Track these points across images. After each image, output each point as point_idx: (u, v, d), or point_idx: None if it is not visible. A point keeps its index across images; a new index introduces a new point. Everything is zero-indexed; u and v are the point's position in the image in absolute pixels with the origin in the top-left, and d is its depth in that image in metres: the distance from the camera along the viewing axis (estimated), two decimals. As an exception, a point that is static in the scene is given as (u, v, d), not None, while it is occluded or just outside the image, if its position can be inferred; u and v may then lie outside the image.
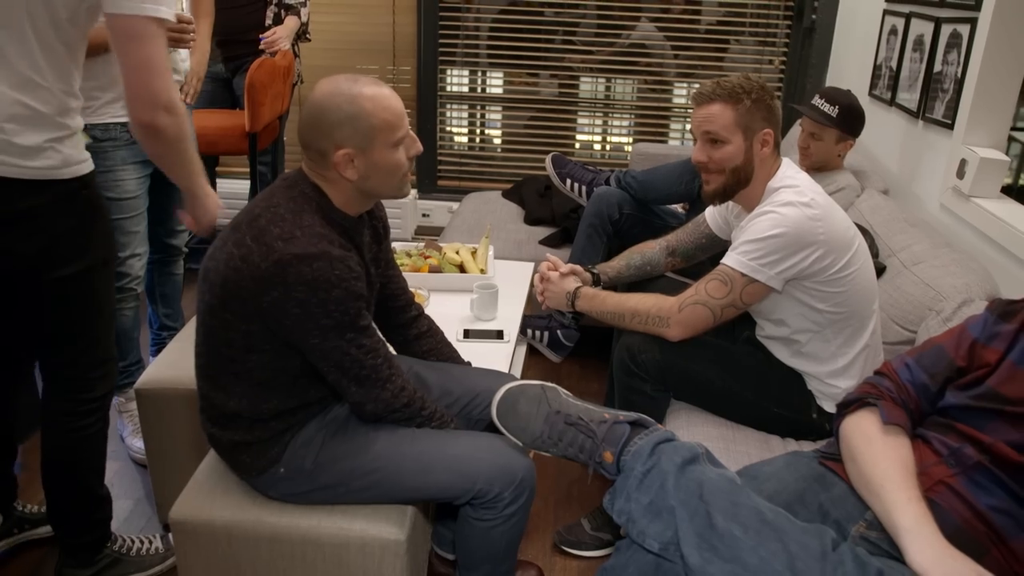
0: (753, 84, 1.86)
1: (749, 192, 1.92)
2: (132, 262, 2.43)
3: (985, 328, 1.44)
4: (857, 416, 1.47)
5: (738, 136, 1.85)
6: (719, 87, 1.86)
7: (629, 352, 2.01)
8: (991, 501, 1.30)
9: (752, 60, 4.06)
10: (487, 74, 4.27)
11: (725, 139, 1.85)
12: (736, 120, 1.84)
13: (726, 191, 1.92)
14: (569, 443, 1.59)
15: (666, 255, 2.33)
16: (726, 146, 1.86)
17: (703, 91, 1.88)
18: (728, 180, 1.89)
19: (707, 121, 1.86)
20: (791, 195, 1.82)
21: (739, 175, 1.88)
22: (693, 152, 1.93)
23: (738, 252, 1.84)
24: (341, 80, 1.51)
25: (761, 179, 1.90)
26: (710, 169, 1.90)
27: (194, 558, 1.69)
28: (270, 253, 1.43)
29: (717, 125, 1.85)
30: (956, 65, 2.48)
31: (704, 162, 1.89)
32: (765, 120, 1.87)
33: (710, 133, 1.86)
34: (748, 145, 1.86)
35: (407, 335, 1.93)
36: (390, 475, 1.62)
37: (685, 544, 1.28)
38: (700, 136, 1.89)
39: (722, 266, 1.87)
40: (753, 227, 1.83)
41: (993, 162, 2.28)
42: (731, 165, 1.87)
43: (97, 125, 2.28)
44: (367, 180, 1.54)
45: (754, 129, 1.86)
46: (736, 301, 1.86)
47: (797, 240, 1.78)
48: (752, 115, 1.85)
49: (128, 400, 2.58)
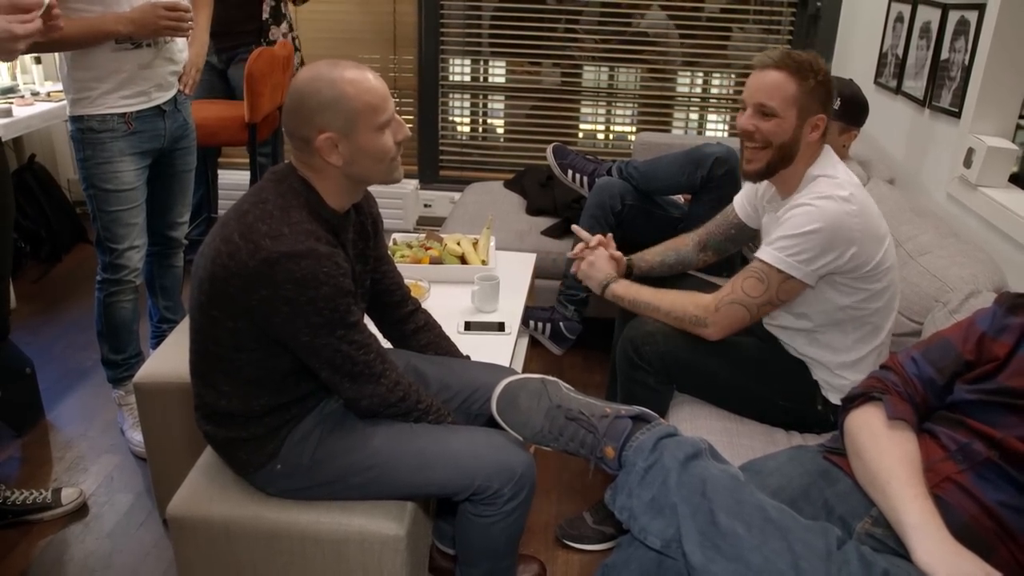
0: (821, 66, 1.78)
1: (788, 174, 1.86)
2: (130, 254, 2.42)
3: (994, 321, 1.41)
4: (862, 411, 1.45)
5: (792, 113, 1.78)
6: (789, 57, 1.77)
7: (632, 344, 1.98)
8: (1000, 497, 1.28)
9: (756, 48, 4.02)
10: (489, 63, 4.24)
11: (778, 113, 1.78)
12: (796, 96, 1.77)
13: (768, 168, 1.84)
14: (570, 438, 1.57)
15: (698, 251, 2.29)
16: (777, 120, 1.78)
17: (771, 56, 1.79)
18: (772, 157, 1.82)
19: (765, 91, 1.78)
20: (829, 187, 1.77)
21: (783, 153, 1.81)
22: (740, 118, 1.85)
23: (774, 248, 1.79)
24: (322, 66, 1.49)
25: (802, 163, 1.84)
26: (755, 140, 1.82)
27: (193, 554, 1.68)
28: (258, 251, 1.41)
29: (775, 98, 1.77)
30: (963, 52, 2.44)
31: (750, 131, 1.82)
32: (822, 105, 1.80)
33: (764, 105, 1.79)
34: (799, 125, 1.79)
35: (404, 330, 1.91)
36: (388, 471, 1.60)
37: (687, 542, 1.26)
38: (752, 105, 1.81)
39: (758, 262, 1.82)
40: (790, 221, 1.78)
41: (1001, 151, 2.25)
42: (778, 141, 1.80)
43: (94, 116, 2.26)
44: (353, 165, 1.51)
45: (810, 111, 1.79)
46: (773, 299, 1.82)
47: (834, 236, 1.73)
48: (812, 96, 1.78)
49: (128, 393, 2.57)
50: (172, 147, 2.48)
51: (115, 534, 2.19)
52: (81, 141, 2.28)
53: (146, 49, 2.29)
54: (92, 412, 2.72)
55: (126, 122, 2.30)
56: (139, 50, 2.27)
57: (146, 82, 2.31)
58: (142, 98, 2.32)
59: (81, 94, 2.25)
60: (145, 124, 2.35)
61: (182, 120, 2.50)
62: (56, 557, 2.11)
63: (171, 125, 2.44)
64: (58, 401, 2.78)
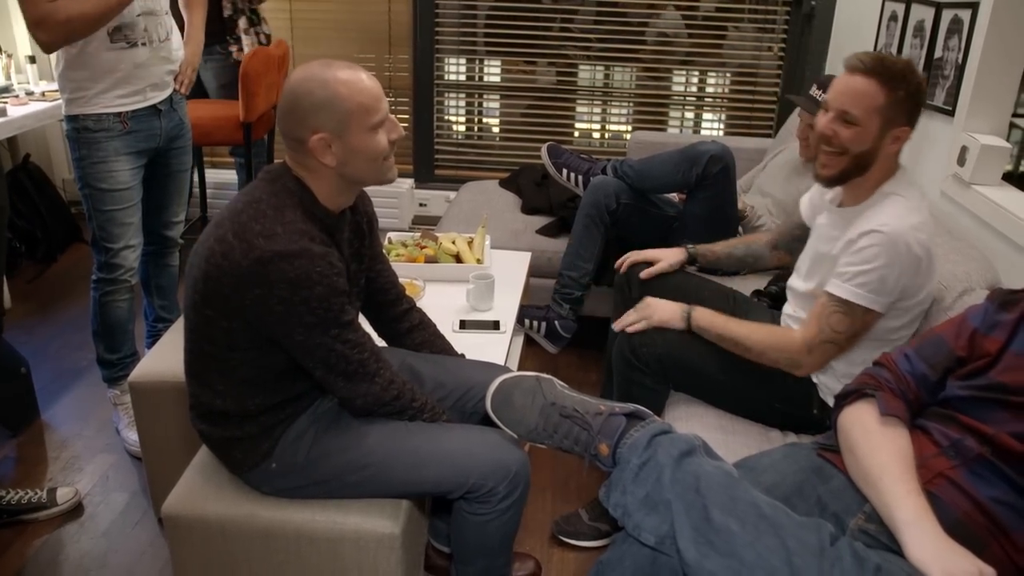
0: (915, 76, 1.69)
1: (860, 183, 1.79)
2: (126, 253, 2.42)
3: (986, 318, 1.42)
4: (855, 407, 1.45)
5: (875, 123, 1.69)
6: (882, 64, 1.67)
7: (630, 345, 1.99)
8: (993, 493, 1.28)
9: (751, 47, 4.03)
10: (484, 62, 4.24)
11: (860, 122, 1.70)
12: (882, 107, 1.68)
13: (842, 176, 1.77)
14: (564, 435, 1.57)
15: (771, 248, 2.27)
16: (858, 128, 1.70)
17: (862, 60, 1.69)
18: (848, 165, 1.74)
19: (850, 97, 1.70)
20: (903, 210, 1.72)
21: (860, 161, 1.74)
22: (820, 119, 1.77)
23: (853, 284, 1.72)
24: (315, 66, 1.49)
25: (877, 173, 1.77)
26: (832, 145, 1.74)
27: (188, 553, 1.68)
28: (251, 250, 1.41)
29: (860, 106, 1.68)
30: (957, 51, 2.45)
31: (828, 136, 1.74)
32: (907, 118, 1.71)
33: (847, 113, 1.70)
34: (880, 135, 1.71)
35: (399, 329, 1.91)
36: (383, 470, 1.60)
37: (681, 538, 1.27)
38: (835, 109, 1.73)
39: (837, 298, 1.75)
40: (863, 252, 1.70)
41: (994, 149, 2.25)
42: (856, 150, 1.72)
43: (90, 115, 2.26)
44: (346, 166, 1.51)
45: (894, 123, 1.70)
46: (859, 331, 1.78)
47: (906, 265, 1.68)
48: (900, 107, 1.69)
49: (123, 392, 2.57)
50: (168, 146, 2.48)
51: (110, 533, 2.19)
52: (77, 140, 2.28)
53: (142, 48, 2.29)
54: (87, 412, 2.72)
55: (122, 121, 2.30)
56: (134, 49, 2.27)
57: (142, 81, 2.31)
58: (138, 97, 2.32)
59: (76, 93, 2.25)
60: (141, 123, 2.35)
61: (178, 119, 2.50)
62: (51, 557, 2.11)
63: (167, 124, 2.44)
64: (53, 401, 2.78)
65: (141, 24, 2.27)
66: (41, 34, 2.13)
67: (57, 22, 2.10)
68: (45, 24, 2.11)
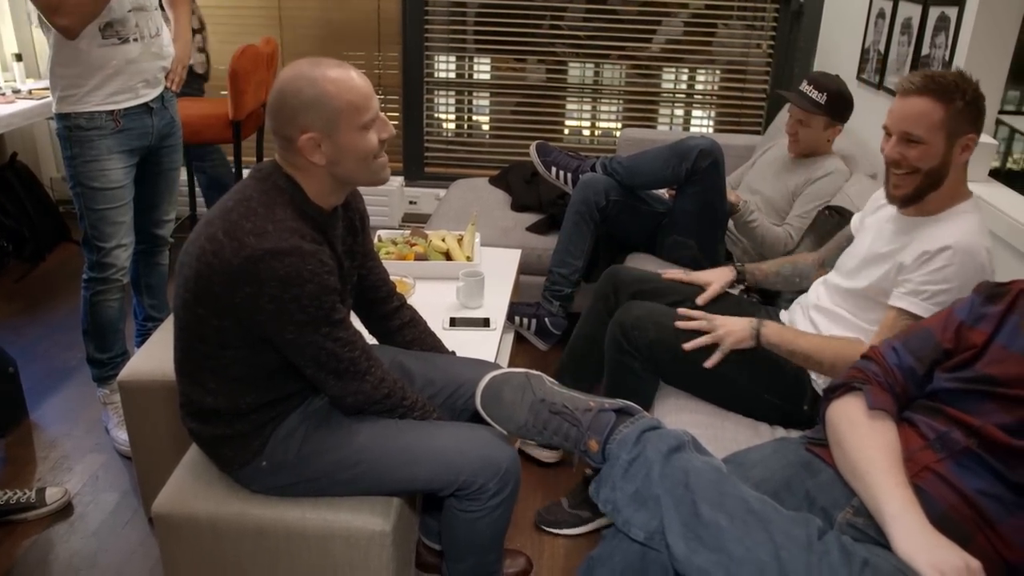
0: (969, 84, 1.67)
1: (934, 196, 1.77)
2: (118, 253, 2.41)
3: (972, 310, 1.43)
4: (843, 401, 1.46)
5: (940, 138, 1.68)
6: (932, 81, 1.67)
7: (622, 328, 1.99)
8: (979, 485, 1.29)
9: (740, 44, 4.04)
10: (474, 60, 4.24)
11: (925, 140, 1.68)
12: (943, 121, 1.67)
13: (917, 194, 1.75)
14: (554, 431, 1.58)
15: (818, 267, 2.25)
16: (924, 147, 1.69)
17: (912, 82, 1.69)
18: (921, 183, 1.73)
19: (908, 120, 1.69)
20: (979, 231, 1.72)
21: (933, 178, 1.72)
22: (886, 147, 1.76)
23: (932, 302, 1.71)
24: (304, 64, 1.48)
25: (950, 186, 1.75)
26: (902, 167, 1.73)
27: (178, 552, 1.68)
28: (242, 249, 1.41)
29: (921, 127, 1.68)
30: (944, 48, 2.47)
31: (897, 160, 1.73)
32: (971, 125, 1.70)
33: (909, 134, 1.69)
34: (948, 148, 1.69)
35: (389, 326, 1.91)
36: (373, 468, 1.61)
37: (670, 534, 1.27)
38: (897, 133, 1.72)
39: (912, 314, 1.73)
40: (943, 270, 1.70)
41: (981, 145, 2.25)
42: (927, 167, 1.71)
43: (82, 114, 2.26)
44: (336, 165, 1.51)
45: (959, 133, 1.68)
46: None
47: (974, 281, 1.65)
48: (961, 118, 1.67)
49: (113, 392, 2.57)
50: (159, 144, 2.48)
51: (100, 533, 2.18)
52: (68, 139, 2.27)
53: (133, 44, 2.28)
54: (76, 411, 2.71)
55: (114, 120, 2.29)
56: (126, 45, 2.27)
57: (133, 77, 2.31)
58: (129, 94, 2.31)
59: (68, 91, 2.24)
60: (133, 122, 2.34)
61: (169, 117, 2.49)
62: (41, 557, 2.10)
63: (158, 122, 2.43)
64: (42, 400, 2.77)
65: (132, 20, 2.27)
66: (61, 19, 2.11)
67: (75, 3, 2.08)
68: (63, 8, 2.09)
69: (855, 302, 1.90)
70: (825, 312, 1.98)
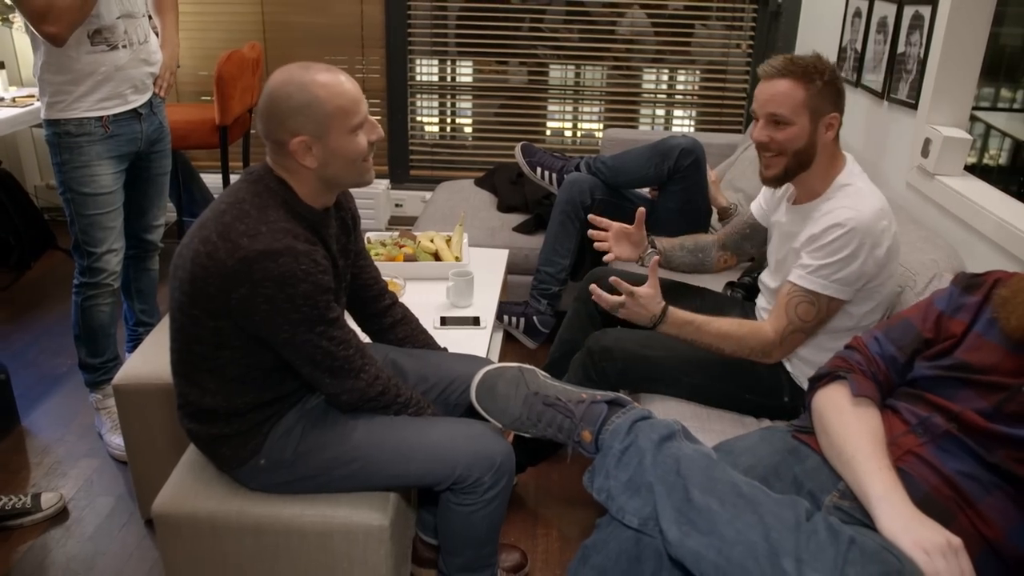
0: (826, 65, 1.78)
1: (808, 177, 1.86)
2: (108, 257, 2.42)
3: (951, 301, 1.48)
4: (828, 389, 1.51)
5: (804, 118, 1.78)
6: (792, 64, 1.77)
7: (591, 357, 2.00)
8: (959, 466, 1.34)
9: (719, 44, 4.09)
10: (456, 63, 4.27)
11: (790, 121, 1.78)
12: (805, 101, 1.77)
13: (787, 173, 1.85)
14: (548, 423, 1.61)
15: (718, 248, 2.29)
16: (790, 127, 1.79)
17: (773, 66, 1.79)
18: (790, 163, 1.83)
19: (773, 101, 1.79)
20: (858, 200, 1.78)
21: (801, 158, 1.82)
22: (753, 131, 1.86)
23: (818, 275, 1.78)
24: (294, 69, 1.51)
25: (822, 165, 1.84)
26: (771, 150, 1.83)
27: (178, 551, 1.69)
28: (236, 250, 1.43)
29: (785, 107, 1.77)
30: (919, 46, 2.52)
31: (765, 143, 1.82)
32: (833, 104, 1.80)
33: (775, 115, 1.79)
34: (813, 128, 1.79)
35: (382, 324, 1.94)
36: (370, 464, 1.63)
37: (664, 519, 1.31)
38: (763, 116, 1.82)
39: (803, 289, 1.81)
40: (827, 247, 1.77)
41: (956, 141, 2.32)
42: (794, 147, 1.80)
43: (71, 120, 2.27)
44: (327, 167, 1.53)
45: (821, 112, 1.78)
46: (824, 318, 1.84)
47: (869, 254, 1.75)
48: (822, 97, 1.77)
49: (106, 397, 2.58)
50: (148, 150, 2.50)
51: (97, 537, 2.20)
52: (57, 145, 2.28)
53: (122, 50, 2.30)
54: (68, 417, 2.72)
55: (103, 125, 2.30)
56: (115, 52, 2.28)
57: (122, 84, 2.33)
58: (118, 100, 2.33)
59: (57, 98, 2.25)
60: (122, 127, 2.36)
61: (158, 123, 2.51)
62: (38, 561, 2.11)
63: (147, 128, 2.45)
64: (33, 407, 2.77)
65: (121, 27, 2.29)
66: (50, 27, 2.11)
67: (61, 9, 2.08)
68: (51, 14, 2.09)
69: None
70: (766, 312, 2.04)
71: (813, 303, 1.81)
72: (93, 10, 2.18)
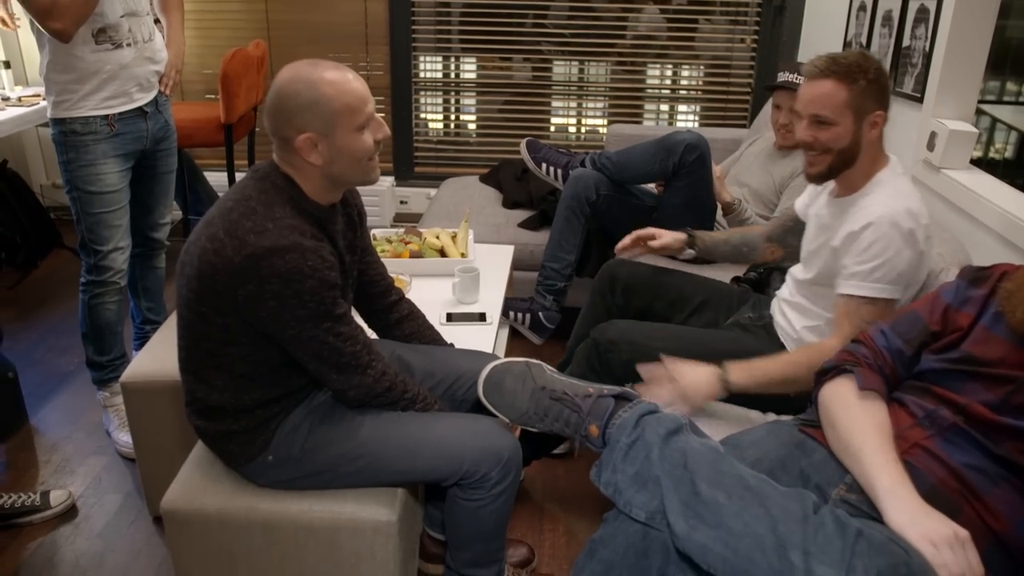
0: (871, 63, 1.75)
1: (851, 174, 1.83)
2: (115, 255, 2.43)
3: (957, 294, 1.48)
4: (835, 383, 1.51)
5: (847, 117, 1.75)
6: (835, 63, 1.74)
7: (596, 349, 2.01)
8: (966, 459, 1.34)
9: (724, 39, 4.09)
10: (460, 60, 4.27)
11: (833, 121, 1.76)
12: (848, 101, 1.74)
13: (830, 172, 1.82)
14: (555, 418, 1.62)
15: (764, 240, 2.28)
16: (834, 127, 1.76)
17: (816, 65, 1.76)
18: (834, 161, 1.80)
19: (816, 102, 1.76)
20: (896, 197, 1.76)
21: (845, 156, 1.79)
22: (797, 130, 1.83)
23: (871, 280, 1.75)
24: (302, 66, 1.51)
25: (866, 162, 1.81)
26: (815, 149, 1.80)
27: (187, 548, 1.70)
28: (243, 247, 1.44)
29: (827, 108, 1.75)
30: (924, 40, 2.51)
31: (809, 142, 1.80)
32: (878, 102, 1.76)
33: (818, 116, 1.76)
34: (857, 127, 1.76)
35: (388, 319, 1.94)
36: (377, 460, 1.64)
37: (671, 513, 1.31)
38: (807, 116, 1.79)
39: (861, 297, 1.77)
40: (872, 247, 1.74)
41: (962, 134, 2.31)
42: (838, 146, 1.78)
43: (77, 119, 2.28)
44: (332, 165, 1.54)
45: (866, 110, 1.75)
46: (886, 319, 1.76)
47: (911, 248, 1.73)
48: (866, 96, 1.74)
49: (113, 394, 2.59)
50: (154, 148, 2.50)
51: (106, 534, 2.21)
52: (64, 144, 2.29)
53: (126, 49, 2.31)
54: (76, 414, 2.73)
55: (109, 124, 2.31)
56: (119, 50, 2.29)
57: (127, 82, 2.33)
58: (124, 99, 2.34)
59: (62, 96, 2.26)
60: (128, 126, 2.37)
61: (163, 121, 2.52)
62: (47, 558, 2.12)
63: (153, 126, 2.46)
64: (41, 405, 2.79)
65: (125, 25, 2.29)
66: (55, 23, 2.12)
67: (66, 4, 2.09)
68: (56, 10, 2.10)
69: (811, 291, 1.95)
70: (793, 305, 2.02)
71: (874, 307, 1.77)
72: (97, 7, 2.18)
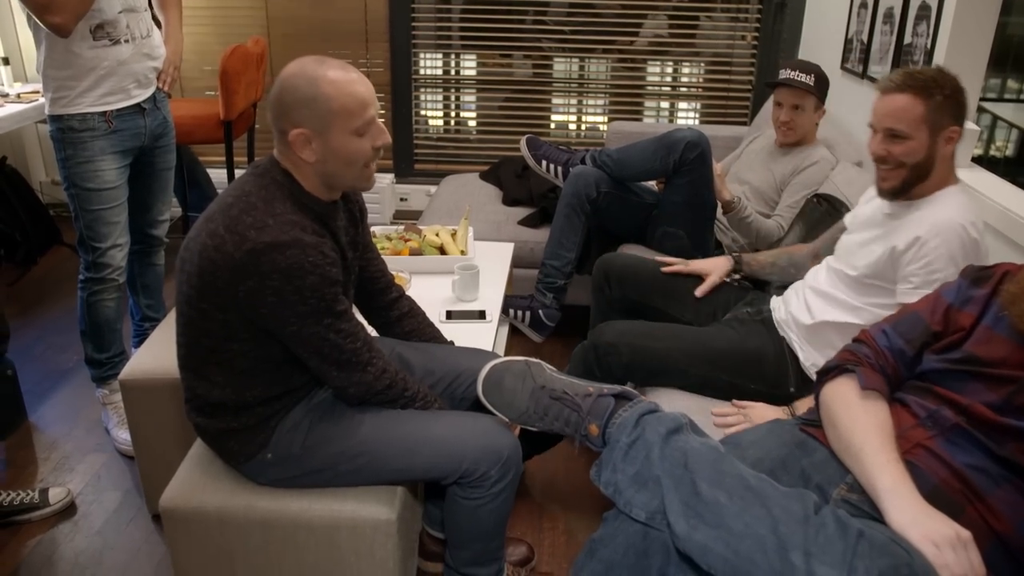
0: (948, 78, 1.73)
1: (921, 188, 1.81)
2: (113, 253, 2.43)
3: (959, 293, 1.47)
4: (836, 383, 1.50)
5: (923, 132, 1.73)
6: (912, 78, 1.73)
7: (595, 352, 2.00)
8: (968, 459, 1.33)
9: (725, 36, 4.08)
10: (460, 57, 4.26)
11: (908, 135, 1.74)
12: (924, 116, 1.72)
13: (904, 187, 1.80)
14: (555, 417, 1.61)
15: (811, 258, 2.26)
16: (908, 142, 1.74)
17: (893, 80, 1.75)
18: (908, 176, 1.78)
19: (891, 116, 1.74)
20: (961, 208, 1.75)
21: (919, 171, 1.77)
22: (870, 143, 1.81)
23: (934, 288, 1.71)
24: (308, 61, 1.51)
25: (938, 176, 1.79)
26: (888, 163, 1.78)
27: (186, 546, 1.70)
28: (243, 243, 1.43)
29: (903, 122, 1.73)
30: (925, 37, 2.51)
31: (883, 156, 1.78)
32: (953, 117, 1.74)
33: (893, 130, 1.75)
34: (932, 142, 1.74)
35: (388, 316, 1.94)
36: (377, 458, 1.63)
37: (671, 512, 1.30)
38: (882, 130, 1.77)
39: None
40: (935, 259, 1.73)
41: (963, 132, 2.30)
42: (912, 161, 1.76)
43: (74, 115, 2.27)
44: (325, 164, 1.53)
45: (941, 126, 1.73)
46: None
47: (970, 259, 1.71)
48: (942, 111, 1.72)
49: (112, 392, 2.58)
50: (152, 145, 2.50)
51: (105, 532, 2.20)
52: (61, 141, 2.29)
53: (124, 45, 2.30)
54: (75, 412, 2.73)
55: (107, 120, 2.31)
56: (117, 46, 2.28)
57: (125, 79, 2.33)
58: (121, 95, 2.33)
59: (60, 93, 2.25)
60: (126, 122, 2.36)
61: (162, 118, 2.51)
62: (46, 556, 2.12)
63: (151, 123, 2.45)
64: (41, 402, 2.78)
65: (123, 21, 2.29)
66: (54, 17, 2.11)
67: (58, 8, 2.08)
68: (54, 5, 2.09)
69: (855, 286, 1.92)
70: (823, 295, 1.99)
71: None
72: (95, 3, 2.18)
